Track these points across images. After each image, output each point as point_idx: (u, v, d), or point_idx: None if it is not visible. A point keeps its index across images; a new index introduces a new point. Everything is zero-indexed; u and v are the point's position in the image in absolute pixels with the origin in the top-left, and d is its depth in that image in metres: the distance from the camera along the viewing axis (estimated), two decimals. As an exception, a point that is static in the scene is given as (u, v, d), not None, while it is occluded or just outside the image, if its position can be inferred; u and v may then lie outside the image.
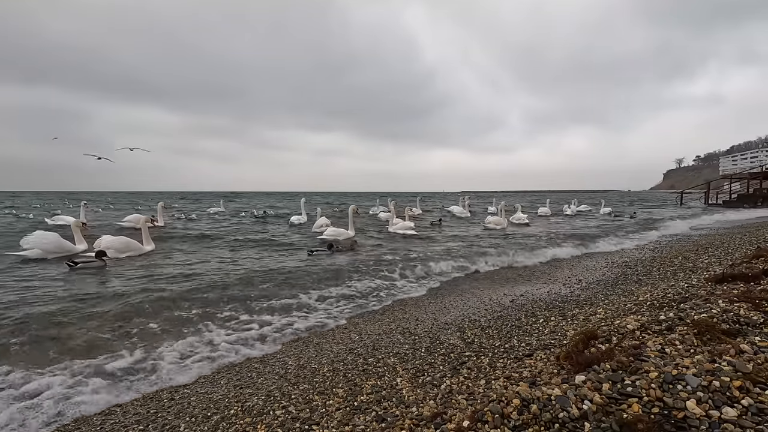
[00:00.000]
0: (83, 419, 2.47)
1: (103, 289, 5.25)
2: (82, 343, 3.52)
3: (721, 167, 28.27)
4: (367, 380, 2.69)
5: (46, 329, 3.75)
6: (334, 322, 4.21)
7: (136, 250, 8.33)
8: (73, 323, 3.94)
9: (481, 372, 2.58)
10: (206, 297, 4.88)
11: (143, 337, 3.72)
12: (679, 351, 1.85)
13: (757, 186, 24.11)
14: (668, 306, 2.86)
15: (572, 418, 1.46)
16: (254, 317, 4.31)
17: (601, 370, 1.76)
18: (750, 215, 16.47)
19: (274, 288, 5.40)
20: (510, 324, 3.75)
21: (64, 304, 4.53)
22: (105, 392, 2.75)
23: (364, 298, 5.19)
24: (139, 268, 6.72)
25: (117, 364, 3.16)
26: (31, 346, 3.45)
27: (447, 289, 5.71)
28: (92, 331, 3.78)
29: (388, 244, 9.63)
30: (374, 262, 7.20)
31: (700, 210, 21.70)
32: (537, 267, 7.17)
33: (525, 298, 4.83)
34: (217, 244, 9.99)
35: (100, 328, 3.84)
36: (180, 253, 8.53)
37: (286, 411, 2.34)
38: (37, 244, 8.04)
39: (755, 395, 1.44)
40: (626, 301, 3.84)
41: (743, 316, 2.21)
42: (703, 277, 3.90)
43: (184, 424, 2.33)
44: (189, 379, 3.01)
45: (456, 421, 1.65)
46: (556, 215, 19.34)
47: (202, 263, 7.33)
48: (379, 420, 2.03)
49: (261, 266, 6.85)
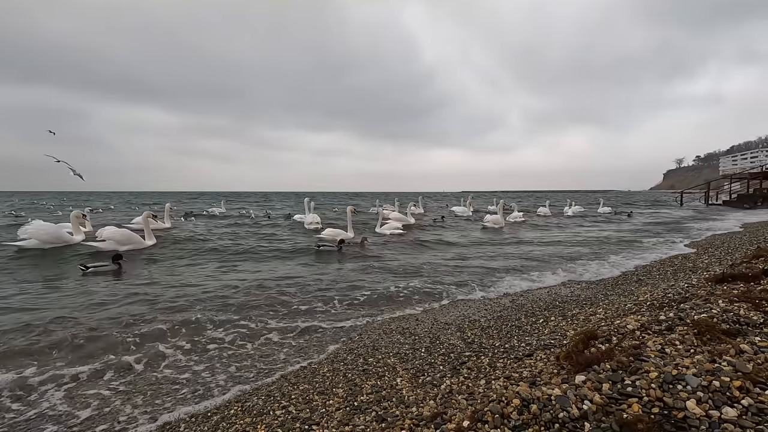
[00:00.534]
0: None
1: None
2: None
3: (721, 167, 28.26)
4: (367, 380, 2.69)
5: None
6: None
7: (136, 244, 8.31)
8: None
9: (481, 372, 2.59)
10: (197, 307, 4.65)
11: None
12: (679, 351, 1.85)
13: (757, 186, 24.10)
14: (668, 306, 2.86)
15: (572, 418, 1.46)
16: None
17: (601, 370, 1.76)
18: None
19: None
20: (510, 324, 3.75)
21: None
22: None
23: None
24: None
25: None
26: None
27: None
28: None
29: (378, 250, 9.05)
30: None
31: (704, 208, 21.91)
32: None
33: (525, 298, 4.83)
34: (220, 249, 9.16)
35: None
36: (185, 260, 7.83)
37: (286, 411, 2.34)
38: (34, 234, 8.00)
39: (755, 395, 1.44)
40: (626, 301, 3.84)
41: (743, 316, 2.21)
42: (703, 277, 3.90)
43: (184, 425, 2.33)
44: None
45: (456, 421, 1.65)
46: (556, 215, 19.34)
47: (198, 275, 6.43)
48: (379, 420, 2.03)
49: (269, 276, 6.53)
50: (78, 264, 6.60)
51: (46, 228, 8.22)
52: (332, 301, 4.84)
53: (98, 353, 3.33)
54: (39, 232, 8.04)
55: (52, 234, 8.14)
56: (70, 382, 2.85)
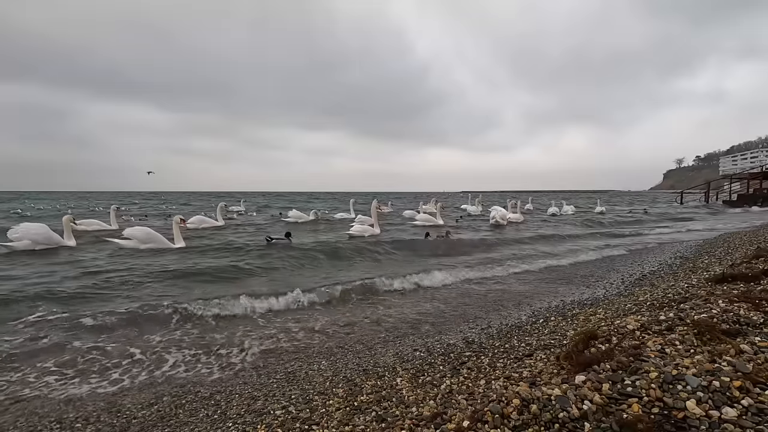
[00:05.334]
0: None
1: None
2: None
3: (721, 167, 28.33)
4: (367, 380, 2.69)
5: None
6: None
7: (158, 243, 8.37)
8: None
9: (481, 372, 2.58)
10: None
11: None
12: (679, 351, 1.85)
13: (757, 186, 24.12)
14: (668, 306, 2.86)
15: (572, 419, 1.46)
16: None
17: (601, 370, 1.76)
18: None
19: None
20: (510, 324, 3.75)
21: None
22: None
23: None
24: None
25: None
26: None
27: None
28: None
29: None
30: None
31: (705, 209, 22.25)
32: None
33: (525, 297, 4.83)
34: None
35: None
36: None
37: (286, 411, 2.34)
38: (25, 234, 7.99)
39: (755, 395, 1.44)
40: (626, 301, 3.84)
41: (743, 316, 2.21)
42: (703, 277, 3.91)
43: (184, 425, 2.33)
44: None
45: (456, 421, 1.64)
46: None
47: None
48: (379, 420, 2.03)
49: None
50: (265, 236, 8.88)
51: (37, 228, 8.26)
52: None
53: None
54: (30, 232, 8.06)
55: (43, 235, 8.20)
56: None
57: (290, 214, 14.37)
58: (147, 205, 30.15)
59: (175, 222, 9.00)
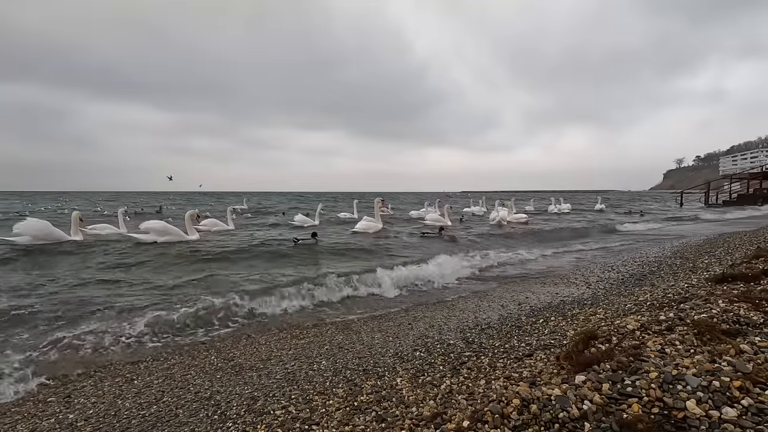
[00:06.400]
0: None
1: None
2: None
3: (721, 167, 28.35)
4: (367, 380, 2.69)
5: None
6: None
7: (175, 236, 8.75)
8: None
9: (481, 372, 2.58)
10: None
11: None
12: (679, 351, 1.85)
13: (757, 186, 24.12)
14: (668, 306, 2.86)
15: (572, 418, 1.46)
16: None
17: (601, 370, 1.76)
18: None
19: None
20: (510, 324, 3.75)
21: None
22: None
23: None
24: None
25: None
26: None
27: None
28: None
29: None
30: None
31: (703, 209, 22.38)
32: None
33: (525, 297, 4.83)
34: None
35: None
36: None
37: (286, 411, 2.34)
38: (27, 230, 8.10)
39: (755, 395, 1.44)
40: (626, 301, 3.84)
41: (743, 316, 2.21)
42: (703, 277, 3.91)
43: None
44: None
45: (456, 421, 1.64)
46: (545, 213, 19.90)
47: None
48: (379, 420, 2.03)
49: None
50: (292, 237, 8.94)
51: (40, 225, 8.41)
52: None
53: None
54: (32, 229, 8.20)
55: (45, 231, 8.35)
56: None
57: (296, 219, 14.43)
58: (148, 205, 30.15)
59: (189, 215, 9.25)
